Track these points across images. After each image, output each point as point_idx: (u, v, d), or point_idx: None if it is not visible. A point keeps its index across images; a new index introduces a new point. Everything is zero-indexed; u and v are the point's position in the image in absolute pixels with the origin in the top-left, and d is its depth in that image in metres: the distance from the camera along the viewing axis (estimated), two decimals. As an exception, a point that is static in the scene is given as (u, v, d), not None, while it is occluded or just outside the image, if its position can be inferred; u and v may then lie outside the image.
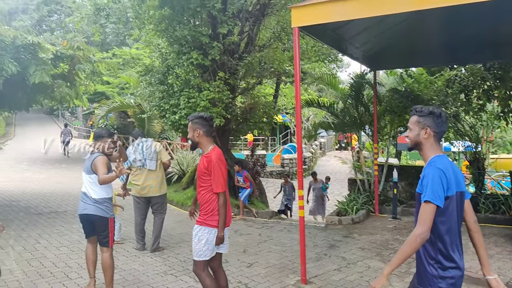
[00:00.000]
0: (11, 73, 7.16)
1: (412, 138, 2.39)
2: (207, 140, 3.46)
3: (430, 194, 2.17)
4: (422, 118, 2.34)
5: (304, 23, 4.68)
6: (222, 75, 8.09)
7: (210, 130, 3.46)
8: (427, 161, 2.34)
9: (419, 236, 2.16)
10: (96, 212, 4.26)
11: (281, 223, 8.31)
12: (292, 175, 18.82)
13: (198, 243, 3.43)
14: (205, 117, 3.46)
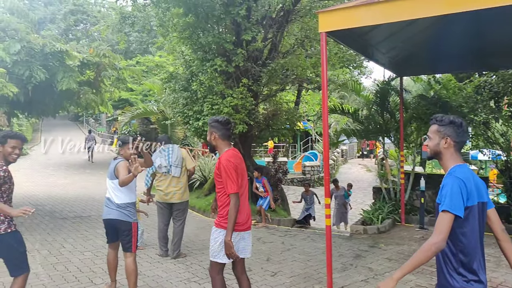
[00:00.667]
0: (39, 80, 7.32)
1: (432, 147, 2.36)
2: (223, 143, 3.46)
3: (448, 204, 2.13)
4: (443, 127, 2.31)
5: (331, 28, 4.60)
6: (245, 82, 8.07)
7: (226, 133, 3.47)
8: (447, 170, 2.30)
9: (434, 245, 2.11)
10: (119, 217, 4.30)
11: (304, 231, 8.18)
12: (313, 182, 18.64)
13: (214, 243, 3.44)
14: (220, 120, 3.45)
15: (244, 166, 3.54)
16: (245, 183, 3.53)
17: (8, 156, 3.53)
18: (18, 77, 7.28)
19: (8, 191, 3.52)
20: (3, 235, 3.47)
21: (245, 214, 3.48)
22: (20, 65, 7.20)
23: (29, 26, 8.12)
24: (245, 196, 3.51)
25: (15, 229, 3.62)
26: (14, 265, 3.62)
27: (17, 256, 3.62)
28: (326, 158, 4.72)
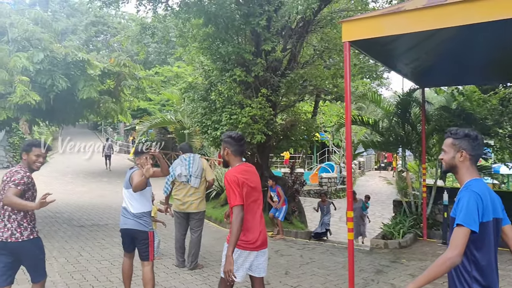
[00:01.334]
0: (61, 89, 7.40)
1: (447, 161, 2.34)
2: (235, 159, 3.42)
3: (463, 218, 2.10)
4: (458, 140, 2.30)
5: (354, 38, 4.53)
6: (264, 92, 8.03)
7: (239, 149, 3.42)
8: (462, 184, 2.27)
9: (449, 259, 2.07)
10: (135, 227, 4.31)
11: (323, 244, 8.01)
12: (330, 194, 18.40)
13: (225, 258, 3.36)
14: (233, 136, 3.42)
15: (256, 182, 3.41)
16: (256, 199, 3.38)
17: (32, 164, 3.61)
18: (41, 86, 7.38)
19: (31, 197, 3.58)
20: (26, 241, 3.50)
21: (256, 233, 3.34)
22: (43, 74, 7.30)
23: (52, 36, 8.26)
24: (256, 214, 3.37)
25: (37, 236, 3.65)
26: (34, 271, 3.67)
27: (37, 263, 3.67)
28: (349, 170, 4.60)
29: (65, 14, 42.13)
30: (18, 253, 3.52)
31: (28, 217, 3.55)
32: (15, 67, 6.89)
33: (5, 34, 8.02)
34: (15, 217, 3.47)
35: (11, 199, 3.31)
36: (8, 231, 3.45)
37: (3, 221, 3.47)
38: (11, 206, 3.38)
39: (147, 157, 4.33)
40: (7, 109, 6.99)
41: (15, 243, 3.45)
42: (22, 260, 3.59)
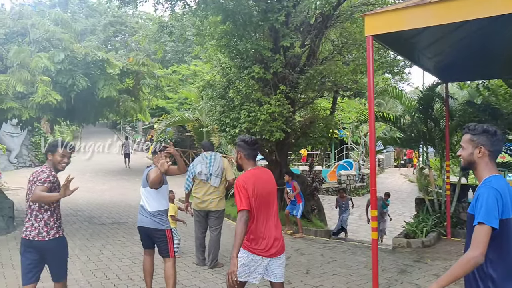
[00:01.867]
0: (81, 88, 7.44)
1: (465, 157, 2.32)
2: (248, 163, 3.39)
3: (484, 215, 2.07)
4: (476, 136, 2.27)
5: (378, 31, 4.40)
6: (283, 89, 7.94)
7: (252, 154, 3.39)
8: (481, 181, 2.24)
9: (473, 259, 2.05)
10: (152, 225, 4.34)
11: (344, 243, 7.89)
12: (349, 192, 18.17)
13: (240, 267, 3.25)
14: (247, 140, 3.39)
15: (269, 187, 3.36)
16: (268, 205, 3.33)
17: (57, 164, 3.67)
18: (62, 85, 7.44)
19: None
20: (52, 240, 3.56)
21: (270, 240, 3.28)
22: (64, 74, 7.36)
23: (72, 36, 8.33)
24: (268, 220, 3.31)
25: (63, 235, 3.72)
26: (57, 270, 3.71)
27: (61, 262, 3.72)
28: (373, 168, 4.49)
29: (84, 14, 42.69)
30: (44, 251, 3.57)
31: (54, 217, 3.61)
32: (37, 67, 6.97)
33: (26, 35, 8.11)
34: (42, 217, 3.54)
35: (39, 194, 3.38)
36: (35, 230, 3.51)
37: (30, 220, 3.54)
38: (39, 201, 3.43)
39: (163, 153, 4.33)
40: (29, 109, 7.07)
41: (41, 241, 3.52)
42: (47, 259, 3.63)
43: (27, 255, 3.56)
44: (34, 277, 3.60)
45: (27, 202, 3.59)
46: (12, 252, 6.52)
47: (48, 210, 3.56)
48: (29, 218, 3.56)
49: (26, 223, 3.58)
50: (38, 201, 3.45)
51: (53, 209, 3.61)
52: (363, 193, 19.28)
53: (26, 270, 3.57)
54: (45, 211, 3.55)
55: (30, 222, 3.55)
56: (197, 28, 10.54)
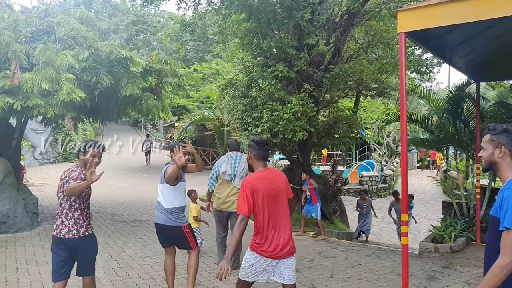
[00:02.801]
0: (105, 86, 7.46)
1: (486, 157, 2.27)
2: (257, 163, 3.36)
3: (511, 220, 2.00)
4: (496, 136, 2.22)
5: (411, 28, 4.21)
6: (307, 87, 7.78)
7: (261, 154, 3.34)
8: (504, 182, 2.17)
9: (506, 266, 1.99)
10: (167, 222, 4.36)
11: (368, 247, 7.68)
12: (371, 193, 17.85)
13: (245, 263, 3.33)
14: (256, 140, 3.37)
15: (277, 189, 3.29)
16: (277, 207, 3.27)
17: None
18: (86, 83, 7.47)
19: (87, 195, 3.79)
20: (82, 238, 3.66)
21: (278, 242, 3.24)
22: (88, 72, 7.39)
23: (97, 35, 8.36)
24: (277, 223, 3.27)
25: (92, 233, 3.82)
26: (85, 267, 3.80)
27: (89, 259, 3.81)
28: (405, 170, 4.30)
29: (107, 14, 43.35)
30: (74, 249, 3.65)
31: (84, 215, 3.71)
32: (62, 65, 7.01)
33: (52, 33, 8.18)
34: (71, 215, 3.64)
35: (70, 186, 3.49)
36: (66, 228, 3.61)
37: (61, 218, 3.65)
38: (72, 192, 3.50)
39: (179, 147, 4.27)
40: (54, 106, 7.11)
41: (71, 239, 3.61)
42: (77, 256, 3.71)
43: (59, 252, 3.65)
44: (65, 274, 3.69)
45: (58, 200, 3.69)
46: (36, 248, 6.58)
47: (78, 209, 3.66)
48: (59, 216, 3.66)
49: (56, 221, 3.68)
50: (71, 193, 3.52)
51: (83, 208, 3.70)
52: (385, 194, 18.92)
53: (58, 267, 3.66)
54: (75, 210, 3.65)
55: (60, 220, 3.65)
56: (219, 26, 10.48)
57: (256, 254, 3.26)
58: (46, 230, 7.92)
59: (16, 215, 7.62)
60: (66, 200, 3.64)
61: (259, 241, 3.25)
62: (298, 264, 6.19)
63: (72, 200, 3.63)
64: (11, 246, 6.65)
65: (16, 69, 6.69)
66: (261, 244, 3.24)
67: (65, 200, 3.64)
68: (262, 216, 3.23)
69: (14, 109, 6.80)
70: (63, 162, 22.26)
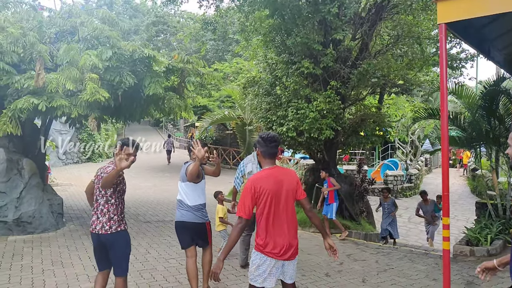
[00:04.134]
0: (128, 85, 7.40)
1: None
2: (264, 161, 3.29)
3: None
4: None
5: (452, 19, 3.93)
6: (334, 84, 7.53)
7: (268, 151, 3.25)
8: None
9: None
10: (194, 219, 4.41)
11: (399, 249, 7.39)
12: (396, 193, 17.41)
13: (252, 266, 3.27)
14: (263, 136, 3.30)
15: (282, 188, 3.17)
16: (280, 207, 3.17)
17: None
18: (109, 83, 7.42)
19: (122, 190, 3.87)
20: (115, 233, 3.72)
21: (283, 243, 3.16)
22: (111, 71, 7.34)
23: (119, 34, 8.31)
24: (282, 224, 3.18)
25: (125, 228, 3.85)
26: (118, 264, 3.83)
27: (122, 256, 3.84)
28: (446, 171, 4.03)
29: (128, 15, 43.84)
30: (107, 244, 3.74)
31: (118, 210, 3.78)
32: (85, 65, 6.96)
33: (76, 34, 8.18)
34: (106, 211, 3.72)
35: (103, 178, 3.56)
36: (100, 224, 3.71)
37: (96, 214, 3.74)
38: (106, 182, 3.54)
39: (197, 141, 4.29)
40: (78, 107, 7.08)
41: (105, 235, 3.70)
42: (109, 251, 3.78)
43: (97, 247, 3.82)
44: (105, 264, 3.88)
45: (95, 196, 3.79)
46: (61, 250, 6.56)
47: (113, 204, 3.74)
48: (95, 212, 3.76)
49: (92, 217, 3.78)
50: (105, 184, 3.56)
51: (118, 203, 3.77)
52: (410, 194, 18.43)
53: (98, 260, 3.89)
54: (111, 205, 3.73)
55: (95, 216, 3.74)
56: (241, 24, 10.32)
57: (261, 254, 3.18)
58: (71, 231, 7.92)
59: (41, 216, 7.64)
60: (102, 196, 3.72)
61: (262, 242, 3.17)
62: (328, 268, 5.98)
63: (108, 195, 3.71)
64: (37, 247, 6.65)
65: (41, 70, 6.67)
66: (265, 245, 3.16)
67: (101, 196, 3.72)
68: (266, 216, 3.15)
69: (39, 110, 6.79)
70: (87, 162, 22.55)
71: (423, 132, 22.01)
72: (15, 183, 7.56)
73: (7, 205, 7.32)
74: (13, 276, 5.30)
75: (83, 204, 11.06)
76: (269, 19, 8.25)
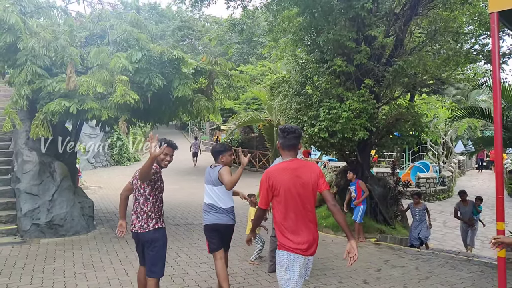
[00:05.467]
0: (158, 87, 7.34)
1: None
2: (283, 153, 3.20)
3: None
4: None
5: (506, 6, 3.64)
6: (368, 83, 7.24)
7: (285, 143, 3.14)
8: None
9: None
10: (229, 222, 4.44)
11: (439, 255, 7.00)
12: (429, 196, 16.83)
13: (280, 269, 3.05)
14: (281, 128, 3.20)
15: (299, 182, 3.03)
16: (296, 201, 3.03)
17: (161, 162, 3.88)
18: (139, 85, 7.39)
19: (160, 188, 3.89)
20: (151, 231, 3.74)
21: (304, 236, 3.02)
22: (141, 73, 7.30)
23: (148, 37, 8.29)
24: (299, 218, 3.04)
25: (161, 226, 3.85)
26: (152, 263, 3.79)
27: (156, 255, 3.79)
28: (500, 172, 3.73)
29: (154, 21, 44.51)
30: (145, 242, 3.76)
31: (155, 208, 3.79)
32: (115, 67, 6.94)
33: (105, 37, 8.21)
34: (145, 209, 3.75)
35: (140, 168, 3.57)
36: (139, 223, 3.76)
37: (136, 213, 3.79)
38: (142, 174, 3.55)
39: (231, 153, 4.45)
40: (108, 109, 7.07)
41: (143, 233, 3.74)
42: (144, 249, 3.80)
43: (138, 246, 3.90)
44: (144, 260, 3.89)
45: (133, 196, 3.85)
46: (92, 253, 6.53)
47: (151, 201, 3.76)
48: (134, 211, 3.81)
49: (132, 217, 3.82)
50: (142, 175, 3.57)
51: (155, 200, 3.79)
52: (444, 197, 17.77)
53: (140, 257, 3.96)
54: (149, 203, 3.75)
55: (135, 215, 3.79)
56: (269, 24, 10.16)
57: (288, 253, 3.01)
58: (101, 234, 7.91)
59: (73, 218, 7.67)
60: (141, 195, 3.75)
61: (286, 237, 3.03)
62: (365, 275, 5.70)
63: (146, 193, 3.74)
64: (69, 250, 6.64)
65: (72, 73, 6.68)
66: (289, 239, 3.01)
67: (140, 195, 3.75)
68: (283, 210, 3.04)
69: (70, 113, 6.81)
70: (115, 165, 22.87)
71: (455, 133, 21.24)
72: (47, 185, 7.62)
73: (40, 208, 7.38)
74: (46, 279, 5.28)
75: (113, 207, 11.12)
76: (298, 17, 8.05)
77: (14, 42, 6.73)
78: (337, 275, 5.66)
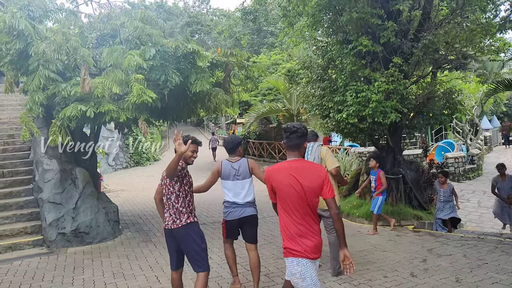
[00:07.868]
0: (174, 84, 7.05)
1: None
2: (288, 153, 3.07)
3: None
4: None
5: None
6: (397, 61, 6.78)
7: (289, 143, 3.01)
8: None
9: None
10: (255, 212, 4.58)
11: (486, 239, 6.56)
12: (458, 176, 16.22)
13: (302, 281, 2.82)
14: (284, 127, 3.12)
15: (301, 184, 2.86)
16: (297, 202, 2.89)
17: (188, 159, 3.91)
18: (155, 83, 7.12)
19: (189, 183, 3.92)
20: (184, 226, 3.75)
21: (314, 240, 2.89)
22: (156, 70, 7.01)
23: (160, 32, 7.98)
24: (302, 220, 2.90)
25: (193, 220, 3.84)
26: (193, 259, 3.79)
27: (194, 250, 3.77)
28: None
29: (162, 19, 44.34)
30: (179, 238, 3.77)
31: (186, 203, 3.81)
32: (130, 66, 6.66)
33: (117, 36, 7.95)
34: (177, 206, 3.78)
35: (167, 165, 3.55)
36: (171, 219, 3.79)
37: (168, 211, 3.83)
38: (169, 170, 3.52)
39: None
40: (126, 110, 6.81)
41: (176, 229, 3.76)
42: (180, 245, 3.80)
43: (170, 243, 3.87)
44: (178, 263, 3.92)
45: (164, 196, 3.86)
46: (121, 260, 6.30)
47: (181, 197, 3.78)
48: (167, 209, 3.84)
49: (165, 214, 3.87)
50: (169, 172, 3.54)
51: (185, 196, 3.80)
52: (474, 176, 17.12)
53: (172, 257, 3.92)
54: (179, 198, 3.77)
55: (168, 213, 3.83)
56: (283, 9, 9.73)
57: (297, 259, 2.86)
58: (128, 238, 7.70)
59: (98, 225, 7.47)
60: (172, 193, 3.77)
61: (286, 242, 2.93)
62: (410, 266, 5.32)
63: (176, 190, 3.76)
64: (97, 258, 6.43)
65: (86, 75, 6.42)
66: (294, 244, 2.89)
67: (171, 193, 3.77)
68: (284, 213, 2.96)
69: (87, 117, 6.56)
70: (135, 167, 22.84)
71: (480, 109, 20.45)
72: (70, 193, 7.43)
73: (64, 217, 7.19)
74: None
75: (137, 209, 10.95)
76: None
77: (25, 48, 6.50)
78: (381, 268, 5.30)
